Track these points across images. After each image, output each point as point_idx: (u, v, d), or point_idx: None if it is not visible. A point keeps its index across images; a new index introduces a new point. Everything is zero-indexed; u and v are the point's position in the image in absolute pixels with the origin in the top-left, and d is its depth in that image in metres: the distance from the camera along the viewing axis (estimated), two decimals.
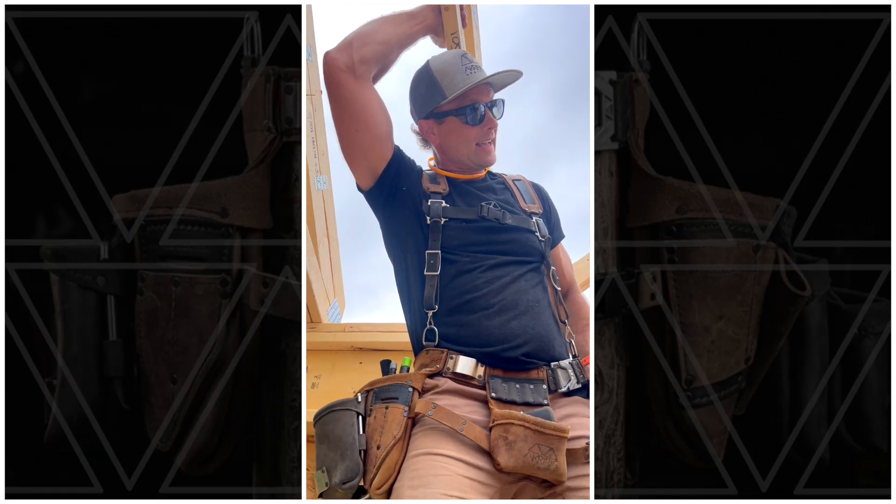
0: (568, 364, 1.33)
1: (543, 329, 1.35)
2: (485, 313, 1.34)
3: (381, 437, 1.17)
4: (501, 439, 1.17)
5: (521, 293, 1.38)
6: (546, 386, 1.29)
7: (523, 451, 1.16)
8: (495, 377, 1.29)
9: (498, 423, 1.19)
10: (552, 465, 1.16)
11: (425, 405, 1.23)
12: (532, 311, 1.36)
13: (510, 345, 1.31)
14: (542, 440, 1.17)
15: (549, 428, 1.18)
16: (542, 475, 1.17)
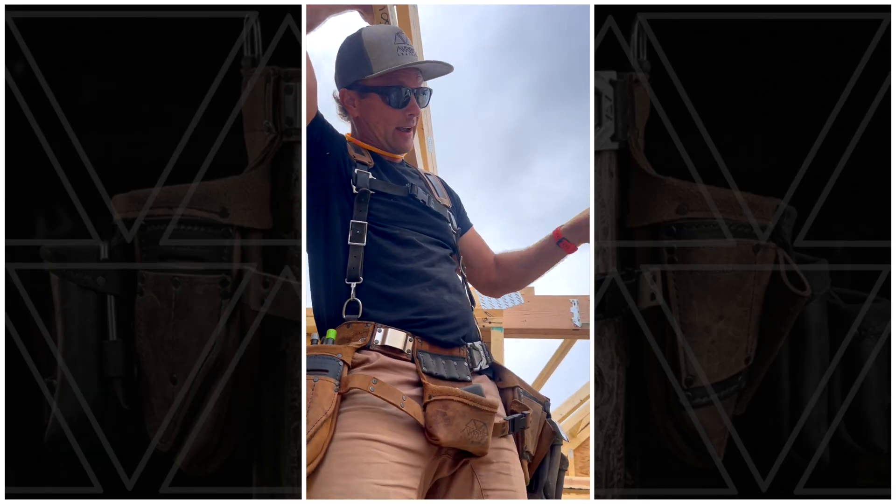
0: (479, 345, 1.40)
1: (468, 309, 1.41)
2: (421, 285, 1.34)
3: (308, 411, 1.14)
4: (440, 415, 1.20)
5: (449, 273, 1.42)
6: (466, 364, 1.34)
7: (461, 426, 1.20)
8: (423, 352, 1.30)
9: (436, 399, 1.21)
10: (483, 439, 1.21)
11: (364, 380, 1.21)
12: (458, 291, 1.41)
13: (447, 316, 1.34)
14: (477, 416, 1.21)
15: (484, 404, 1.22)
16: (471, 448, 1.22)
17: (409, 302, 1.33)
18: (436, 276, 1.38)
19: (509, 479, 1.30)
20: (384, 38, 1.46)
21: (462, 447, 1.22)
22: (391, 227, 1.39)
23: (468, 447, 1.22)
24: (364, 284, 1.32)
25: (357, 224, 1.35)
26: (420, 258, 1.39)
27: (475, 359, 1.37)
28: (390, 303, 1.32)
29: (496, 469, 1.28)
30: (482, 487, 1.27)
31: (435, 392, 1.22)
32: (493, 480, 1.27)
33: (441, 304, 1.35)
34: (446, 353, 1.33)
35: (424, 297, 1.34)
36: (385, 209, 1.40)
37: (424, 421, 1.21)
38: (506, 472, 1.30)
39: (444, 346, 1.34)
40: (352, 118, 1.52)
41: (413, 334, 1.31)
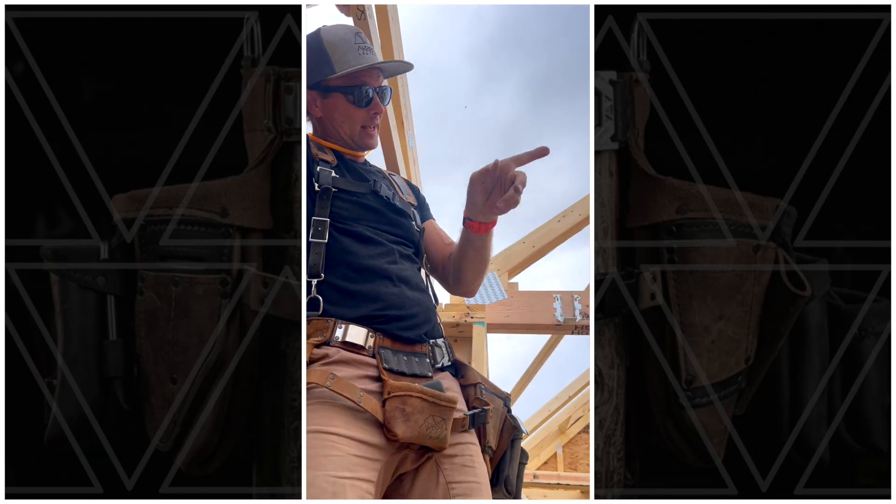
0: (442, 342, 1.41)
1: (431, 306, 1.43)
2: (383, 282, 1.35)
3: None
4: (399, 411, 1.21)
5: (411, 271, 1.43)
6: (428, 360, 1.35)
7: (419, 422, 1.22)
8: (385, 348, 1.31)
9: (395, 395, 1.22)
10: (442, 434, 1.24)
11: (322, 375, 1.22)
12: (420, 288, 1.42)
13: (408, 312, 1.35)
14: (436, 411, 1.23)
15: (443, 400, 1.24)
16: (430, 443, 1.24)
17: (370, 298, 1.33)
18: (398, 273, 1.39)
19: (474, 472, 1.32)
20: (344, 38, 1.47)
21: (421, 442, 1.24)
22: (353, 225, 1.39)
23: (427, 442, 1.24)
24: (325, 281, 1.32)
25: (319, 221, 1.35)
26: (382, 255, 1.39)
27: (437, 355, 1.39)
28: (352, 299, 1.32)
29: (461, 462, 1.30)
30: (447, 480, 1.29)
31: (394, 388, 1.23)
32: (457, 473, 1.30)
33: (403, 300, 1.36)
34: (408, 349, 1.34)
35: (386, 293, 1.34)
36: (347, 206, 1.41)
37: (383, 417, 1.22)
38: (470, 464, 1.32)
39: (405, 343, 1.34)
40: (314, 118, 1.52)
41: (374, 330, 1.31)
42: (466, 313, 3.37)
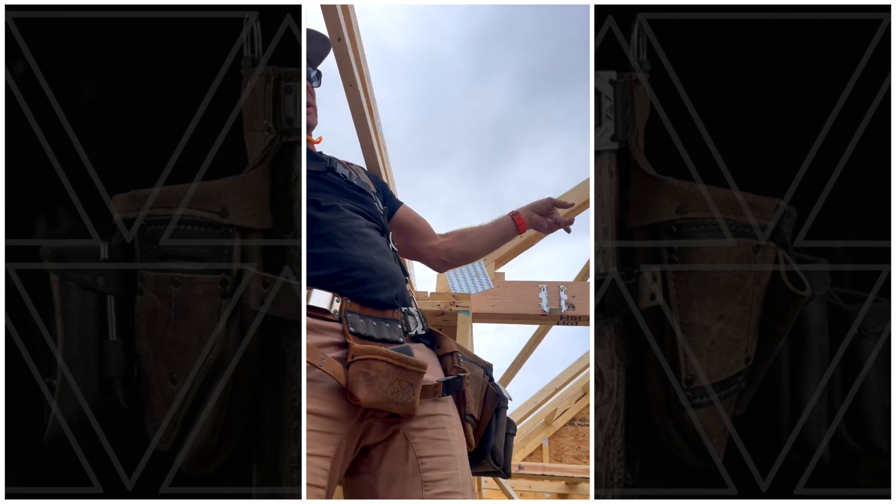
0: (415, 311, 1.39)
1: (398, 272, 1.41)
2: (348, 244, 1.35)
3: None
4: (362, 375, 1.17)
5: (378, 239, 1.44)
6: (400, 326, 1.32)
7: (384, 386, 1.17)
8: (353, 313, 1.28)
9: (358, 359, 1.18)
10: (409, 400, 1.18)
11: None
12: (387, 255, 1.41)
13: (377, 274, 1.33)
14: (402, 376, 1.18)
15: (410, 364, 1.19)
16: (397, 409, 1.19)
17: (334, 260, 1.32)
18: (363, 238, 1.38)
19: (448, 445, 1.27)
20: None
21: (385, 408, 1.19)
22: (313, 195, 1.41)
23: (392, 408, 1.19)
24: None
25: None
26: (345, 220, 1.40)
27: (410, 323, 1.36)
28: (315, 263, 1.30)
29: (432, 435, 1.26)
30: (417, 455, 1.24)
31: (358, 351, 1.19)
32: (428, 447, 1.25)
33: (369, 261, 1.34)
34: (378, 314, 1.31)
35: (351, 254, 1.34)
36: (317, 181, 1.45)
37: (346, 381, 1.18)
38: (443, 437, 1.27)
39: (375, 307, 1.32)
40: None
41: (341, 295, 1.28)
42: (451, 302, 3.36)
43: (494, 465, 1.40)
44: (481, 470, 1.41)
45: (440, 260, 1.77)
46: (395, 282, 1.39)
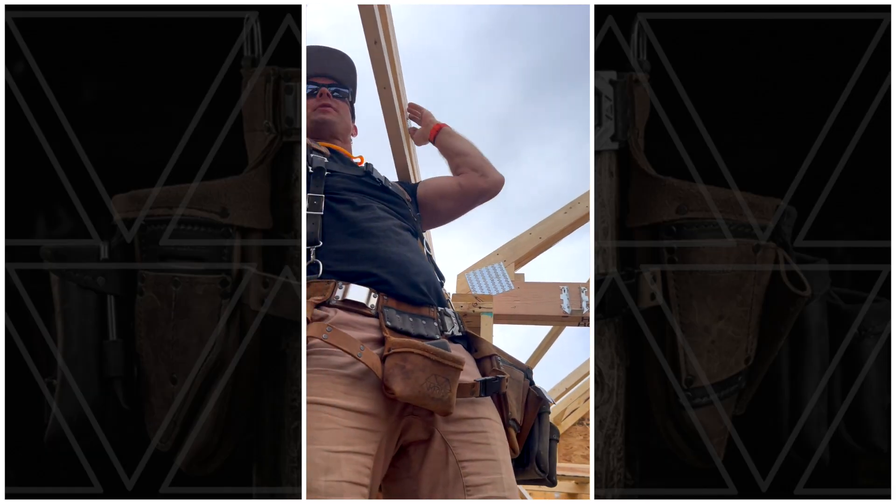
0: (452, 312, 1.38)
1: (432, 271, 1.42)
2: (382, 241, 1.37)
3: None
4: (398, 368, 1.15)
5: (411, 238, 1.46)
6: (437, 325, 1.31)
7: (420, 380, 1.14)
8: (389, 308, 1.27)
9: (395, 352, 1.17)
10: (445, 396, 1.15)
11: (318, 328, 1.18)
12: (421, 255, 1.43)
13: (410, 271, 1.33)
14: (439, 371, 1.15)
15: (447, 359, 1.17)
16: (433, 406, 1.16)
17: (369, 257, 1.33)
18: (396, 235, 1.40)
19: (489, 449, 1.24)
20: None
21: (421, 403, 1.16)
22: (348, 195, 1.44)
23: (428, 403, 1.16)
24: (324, 247, 1.34)
25: (313, 196, 1.41)
26: (379, 220, 1.42)
27: (447, 324, 1.35)
28: (350, 258, 1.32)
29: (471, 439, 1.23)
30: (458, 459, 1.21)
31: (394, 344, 1.18)
32: (468, 450, 1.22)
33: (403, 258, 1.35)
34: (414, 310, 1.31)
35: (385, 251, 1.35)
36: (342, 182, 1.48)
37: (382, 374, 1.16)
38: (484, 441, 1.24)
39: (412, 304, 1.31)
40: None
41: (377, 290, 1.28)
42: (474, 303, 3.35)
43: (540, 473, 1.36)
44: (525, 478, 1.37)
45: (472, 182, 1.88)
46: (429, 280, 1.38)
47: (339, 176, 1.51)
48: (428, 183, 1.87)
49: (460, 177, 1.87)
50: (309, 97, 1.75)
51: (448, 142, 1.95)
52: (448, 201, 1.82)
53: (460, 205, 1.86)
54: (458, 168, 1.88)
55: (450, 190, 1.84)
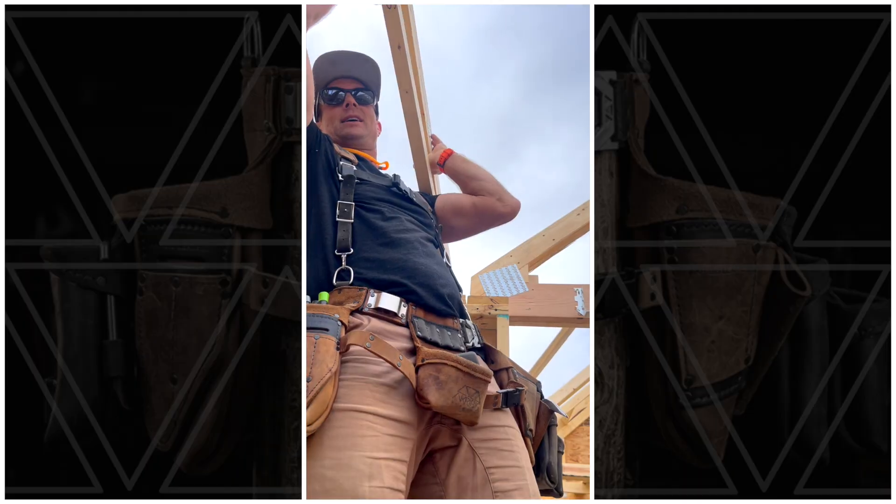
0: (472, 325, 1.42)
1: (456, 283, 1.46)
2: (410, 252, 1.39)
3: (312, 368, 1.13)
4: (432, 378, 1.18)
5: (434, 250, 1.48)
6: (461, 336, 1.35)
7: (453, 391, 1.18)
8: (418, 318, 1.31)
9: (429, 363, 1.20)
10: (475, 407, 1.19)
11: (361, 336, 1.20)
12: (445, 266, 1.46)
13: (438, 282, 1.36)
14: (470, 382, 1.19)
15: (478, 371, 1.20)
16: (462, 416, 1.20)
17: (398, 266, 1.35)
18: (423, 247, 1.43)
19: (514, 456, 1.28)
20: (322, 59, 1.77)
21: (451, 413, 1.19)
22: (378, 205, 1.47)
23: (458, 414, 1.19)
24: (354, 254, 1.36)
25: (344, 204, 1.43)
26: (407, 231, 1.45)
27: (468, 335, 1.38)
28: (381, 267, 1.35)
29: (498, 446, 1.27)
30: (485, 465, 1.25)
31: (428, 355, 1.21)
32: (495, 457, 1.26)
33: (430, 269, 1.38)
34: (440, 322, 1.34)
35: (414, 262, 1.37)
36: (371, 190, 1.50)
37: (416, 384, 1.19)
38: (509, 448, 1.28)
39: (438, 315, 1.34)
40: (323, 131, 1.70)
41: (406, 300, 1.31)
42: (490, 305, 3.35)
43: (549, 483, 1.41)
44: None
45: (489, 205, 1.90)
46: (454, 292, 1.41)
47: (368, 185, 1.53)
48: (446, 198, 1.88)
49: (476, 198, 1.88)
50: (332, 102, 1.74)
51: (461, 166, 1.95)
52: (462, 219, 1.82)
53: (474, 225, 1.88)
54: (474, 192, 1.89)
55: (465, 209, 1.85)
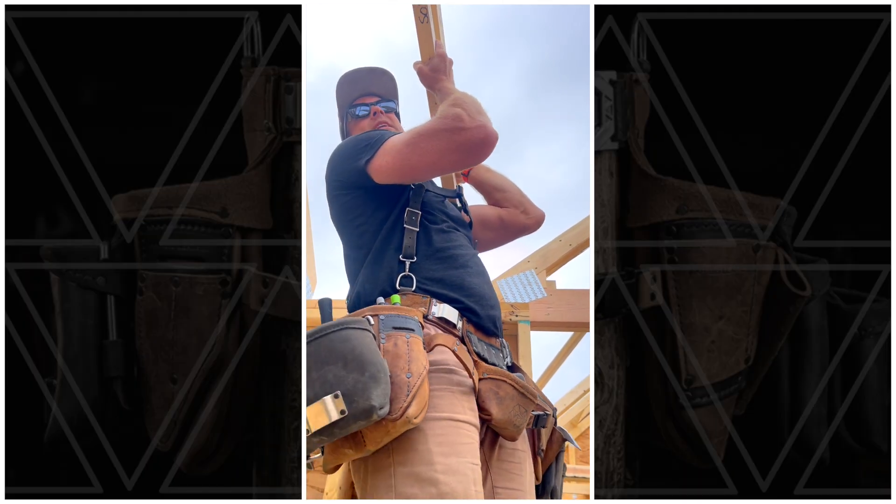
0: (505, 343, 1.47)
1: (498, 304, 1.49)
2: (466, 270, 1.43)
3: (410, 364, 1.15)
4: (492, 393, 1.24)
5: (485, 271, 1.52)
6: (502, 354, 1.41)
7: (509, 407, 1.25)
8: (471, 334, 1.35)
9: (490, 377, 1.26)
10: (522, 425, 1.27)
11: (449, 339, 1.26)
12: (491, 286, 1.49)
13: (488, 303, 1.41)
14: (522, 401, 1.26)
15: (528, 392, 1.28)
16: (510, 432, 1.26)
17: (456, 284, 1.40)
18: (476, 266, 1.48)
19: (521, 480, 1.33)
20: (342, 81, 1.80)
21: (503, 427, 1.25)
22: (439, 216, 1.50)
23: (509, 429, 1.25)
24: (416, 263, 1.39)
25: (412, 212, 1.46)
26: (462, 248, 1.49)
27: (505, 353, 1.43)
28: (440, 282, 1.38)
29: (508, 468, 1.32)
30: (494, 484, 1.30)
31: (489, 371, 1.27)
32: (504, 479, 1.31)
33: (483, 290, 1.43)
34: (487, 340, 1.39)
35: (470, 281, 1.42)
36: (434, 202, 1.53)
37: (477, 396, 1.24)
38: (518, 472, 1.33)
39: (486, 333, 1.40)
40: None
41: (461, 315, 1.36)
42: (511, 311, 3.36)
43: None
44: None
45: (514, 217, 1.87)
46: (499, 314, 1.46)
47: (433, 194, 1.56)
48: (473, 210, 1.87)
49: (502, 210, 1.87)
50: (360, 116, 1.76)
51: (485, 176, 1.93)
52: (490, 232, 1.83)
53: (500, 237, 1.88)
54: (499, 203, 1.88)
55: (493, 222, 1.85)
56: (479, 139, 1.35)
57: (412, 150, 1.39)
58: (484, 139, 1.36)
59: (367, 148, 1.46)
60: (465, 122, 1.35)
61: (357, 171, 1.46)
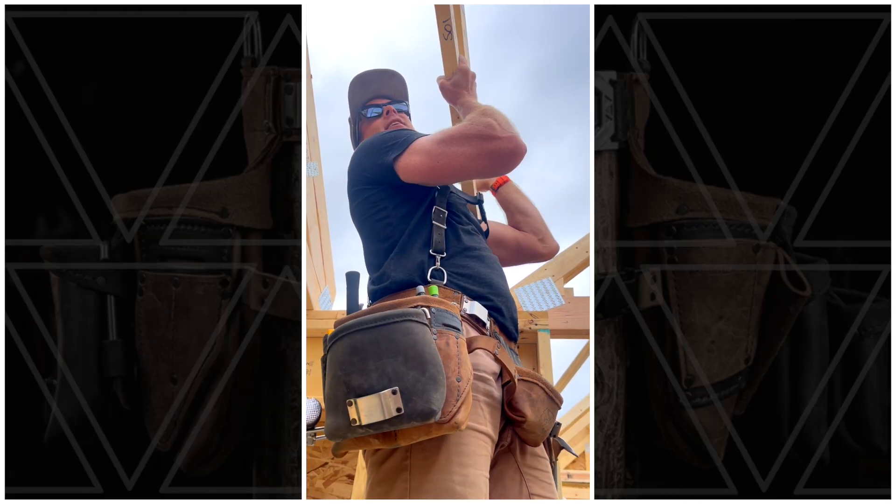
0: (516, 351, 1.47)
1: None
2: (493, 270, 1.45)
3: (460, 368, 1.10)
4: (525, 395, 1.25)
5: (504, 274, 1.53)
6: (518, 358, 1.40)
7: (540, 411, 1.26)
8: (498, 335, 1.36)
9: (522, 380, 1.26)
10: (549, 429, 1.28)
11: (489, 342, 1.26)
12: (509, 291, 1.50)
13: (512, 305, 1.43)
14: (550, 406, 1.28)
15: (557, 397, 1.29)
16: (537, 436, 1.27)
17: (486, 281, 1.41)
18: (500, 269, 1.50)
19: (551, 489, 1.34)
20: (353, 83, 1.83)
21: (533, 430, 1.26)
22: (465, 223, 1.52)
23: (537, 433, 1.26)
24: (446, 259, 1.40)
25: (440, 210, 1.48)
26: (487, 251, 1.51)
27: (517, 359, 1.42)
28: (471, 278, 1.40)
29: (540, 476, 1.32)
30: (530, 491, 1.30)
31: (522, 373, 1.27)
32: (537, 486, 1.31)
33: (507, 293, 1.45)
34: (507, 343, 1.40)
35: (496, 281, 1.43)
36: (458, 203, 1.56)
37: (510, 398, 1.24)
38: (548, 480, 1.34)
39: (507, 336, 1.41)
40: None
41: (489, 314, 1.37)
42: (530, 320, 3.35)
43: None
44: None
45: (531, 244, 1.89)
46: (517, 317, 1.47)
47: (457, 196, 1.58)
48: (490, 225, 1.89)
49: (520, 234, 1.89)
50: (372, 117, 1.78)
51: (513, 196, 1.95)
52: (501, 250, 1.84)
53: (510, 258, 1.89)
54: (518, 226, 1.91)
55: (508, 242, 1.87)
56: (509, 149, 1.38)
57: (441, 152, 1.41)
58: (514, 150, 1.38)
59: (396, 146, 1.48)
60: (496, 130, 1.38)
61: (384, 167, 1.48)
